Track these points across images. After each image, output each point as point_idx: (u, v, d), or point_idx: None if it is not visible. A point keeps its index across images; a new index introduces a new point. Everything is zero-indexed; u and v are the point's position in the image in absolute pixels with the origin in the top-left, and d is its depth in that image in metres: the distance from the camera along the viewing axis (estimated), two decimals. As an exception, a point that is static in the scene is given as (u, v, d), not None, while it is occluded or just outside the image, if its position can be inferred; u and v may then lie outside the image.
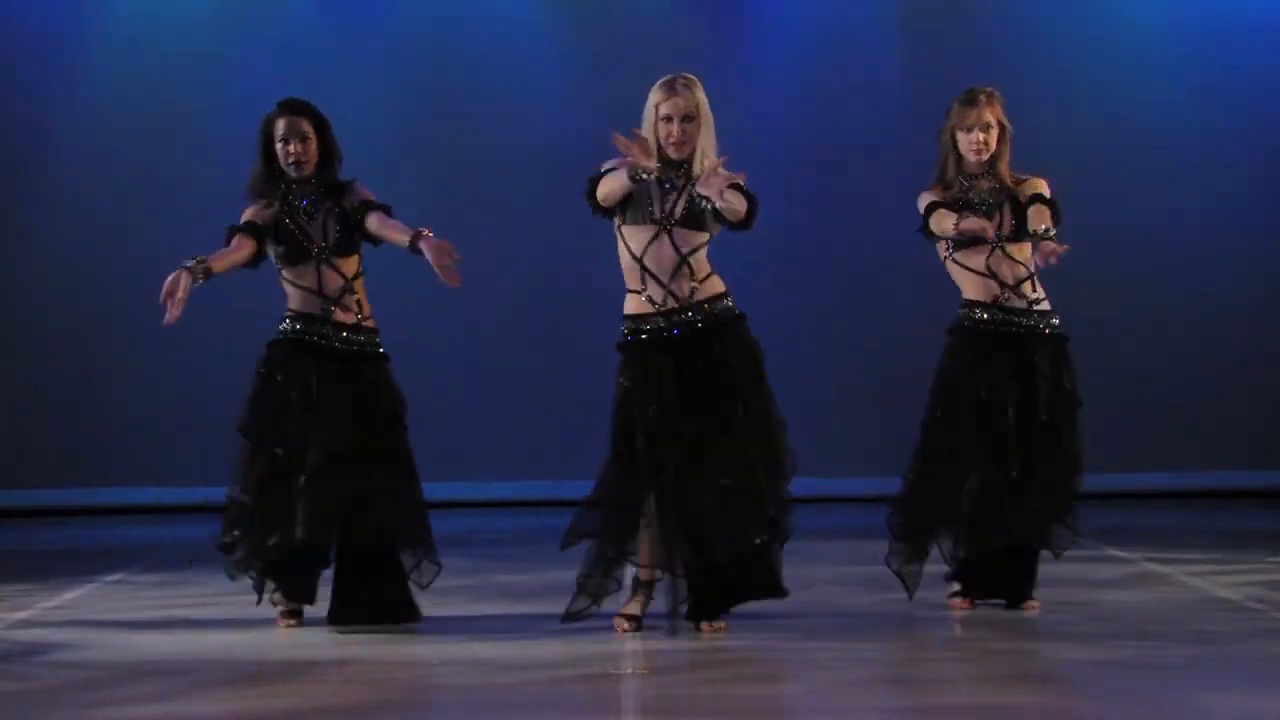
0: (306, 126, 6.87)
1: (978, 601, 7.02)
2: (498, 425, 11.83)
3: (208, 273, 6.72)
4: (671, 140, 6.54)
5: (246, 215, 6.90)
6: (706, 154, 6.56)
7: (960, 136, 6.98)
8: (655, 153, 6.49)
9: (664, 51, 11.81)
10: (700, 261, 6.61)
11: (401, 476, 6.90)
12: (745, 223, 6.60)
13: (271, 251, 6.89)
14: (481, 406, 11.90)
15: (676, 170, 6.57)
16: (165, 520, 11.40)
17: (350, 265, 6.90)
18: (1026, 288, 7.01)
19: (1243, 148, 12.17)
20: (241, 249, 6.84)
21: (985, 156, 6.97)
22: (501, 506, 11.73)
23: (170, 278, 6.67)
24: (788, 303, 12.06)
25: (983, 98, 6.98)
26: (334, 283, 6.86)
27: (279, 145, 6.86)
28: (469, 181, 12.05)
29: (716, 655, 6.14)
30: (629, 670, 5.81)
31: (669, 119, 6.54)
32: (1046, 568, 7.16)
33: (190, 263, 6.69)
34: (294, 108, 6.89)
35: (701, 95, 6.58)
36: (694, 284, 6.59)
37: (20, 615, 7.21)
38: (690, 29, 12.21)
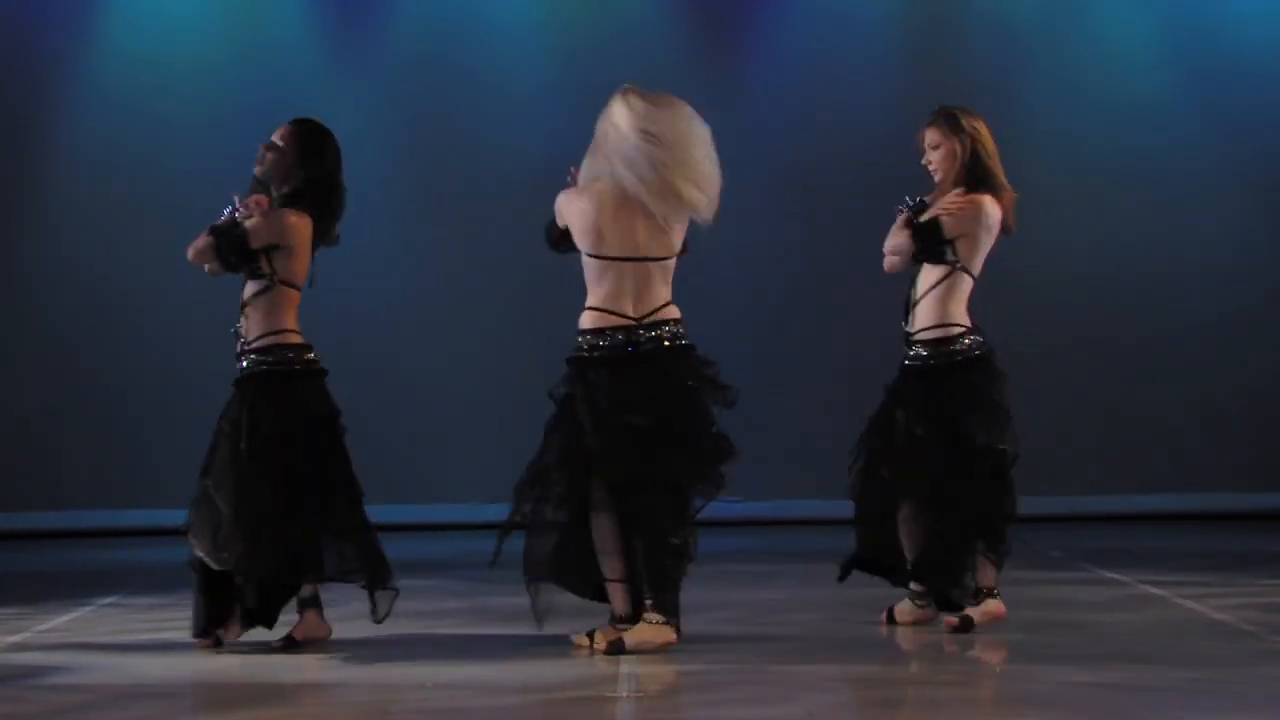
0: (278, 135, 7.01)
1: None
2: (488, 447, 11.81)
3: None
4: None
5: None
6: None
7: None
8: None
9: (658, 68, 11.84)
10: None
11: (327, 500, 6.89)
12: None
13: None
14: (472, 429, 11.90)
15: None
16: (158, 543, 11.38)
17: (250, 287, 6.98)
18: (915, 315, 7.02)
19: (1238, 168, 12.20)
20: None
21: (937, 177, 7.02)
22: (493, 529, 11.70)
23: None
24: (783, 320, 12.08)
25: (930, 118, 7.06)
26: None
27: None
28: (462, 199, 12.07)
29: (711, 677, 6.13)
30: (624, 693, 5.80)
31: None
32: (1040, 589, 7.16)
33: None
34: (292, 119, 7.07)
35: None
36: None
37: (13, 639, 7.20)
38: (684, 46, 12.23)
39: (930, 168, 7.04)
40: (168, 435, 11.86)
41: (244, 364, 6.95)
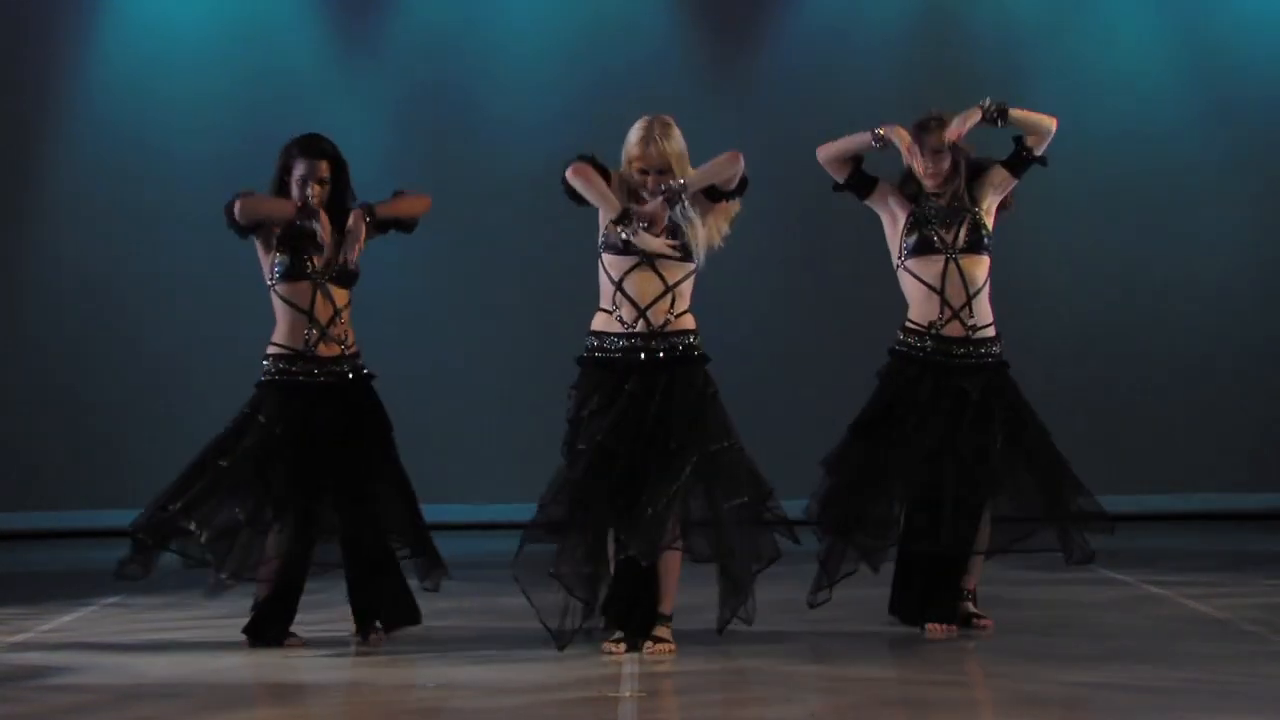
0: (325, 170, 6.93)
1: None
2: (499, 447, 11.83)
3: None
4: (647, 189, 6.63)
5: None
6: (688, 187, 6.63)
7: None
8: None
9: (665, 76, 11.87)
10: (683, 295, 6.64)
11: (398, 495, 7.02)
12: (739, 188, 6.71)
13: (273, 262, 6.91)
14: (482, 428, 11.90)
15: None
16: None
17: (343, 296, 6.98)
18: (966, 313, 7.00)
19: (1241, 176, 12.19)
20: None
21: (939, 180, 7.08)
22: (500, 529, 11.71)
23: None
24: (786, 322, 12.08)
25: (937, 122, 7.11)
26: (326, 310, 6.91)
27: (296, 186, 6.90)
28: (470, 204, 12.05)
29: (715, 678, 6.14)
30: (628, 693, 5.80)
31: (645, 171, 6.63)
32: (1043, 590, 7.17)
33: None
34: (315, 149, 6.94)
35: (677, 143, 6.63)
36: (670, 315, 6.60)
37: (17, 639, 7.20)
38: (691, 55, 12.23)
39: (929, 171, 7.07)
40: (173, 436, 11.84)
41: (341, 368, 7.02)
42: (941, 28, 12.34)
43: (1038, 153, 7.19)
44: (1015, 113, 7.10)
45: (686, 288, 6.66)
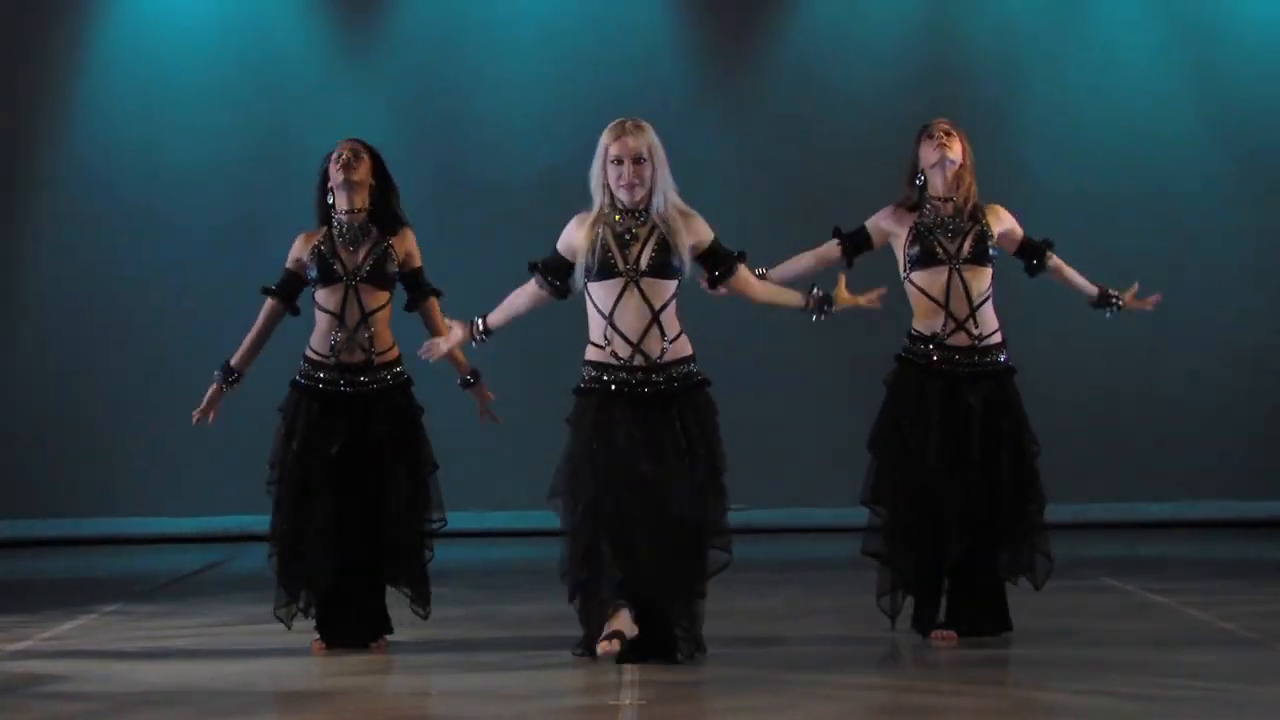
0: (360, 148, 7.07)
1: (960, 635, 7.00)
2: (498, 455, 11.81)
3: (236, 376, 7.09)
4: (622, 183, 6.50)
5: (291, 254, 7.08)
6: (666, 195, 6.54)
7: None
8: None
9: (663, 77, 11.86)
10: (670, 319, 6.56)
11: (396, 522, 7.07)
12: (719, 282, 6.77)
13: (309, 275, 7.03)
14: (479, 436, 11.87)
15: (634, 218, 6.54)
16: (161, 551, 11.39)
17: (378, 298, 7.07)
18: (970, 324, 6.99)
19: (1239, 183, 12.20)
20: (262, 325, 7.11)
21: (945, 186, 7.05)
22: (499, 536, 11.72)
23: (208, 393, 7.05)
24: (785, 330, 12.06)
25: (948, 125, 7.12)
26: (354, 313, 6.96)
27: (334, 166, 7.00)
28: (471, 205, 12.05)
29: (715, 685, 6.13)
30: (628, 700, 5.80)
31: (619, 161, 6.50)
32: (1044, 598, 7.16)
33: (218, 374, 7.06)
34: (350, 138, 7.12)
35: (653, 137, 6.52)
36: (665, 344, 6.54)
37: (16, 646, 7.19)
38: (691, 61, 12.23)
39: (945, 175, 7.06)
40: (172, 444, 11.85)
41: (365, 377, 7.05)
42: (943, 30, 12.34)
43: (1048, 263, 7.35)
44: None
45: (673, 308, 6.57)
